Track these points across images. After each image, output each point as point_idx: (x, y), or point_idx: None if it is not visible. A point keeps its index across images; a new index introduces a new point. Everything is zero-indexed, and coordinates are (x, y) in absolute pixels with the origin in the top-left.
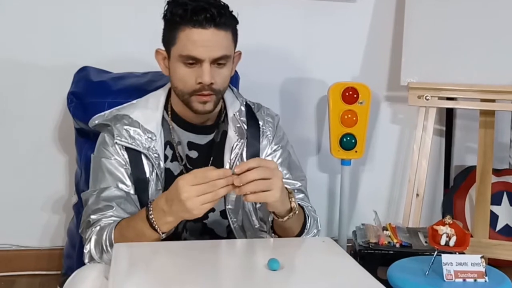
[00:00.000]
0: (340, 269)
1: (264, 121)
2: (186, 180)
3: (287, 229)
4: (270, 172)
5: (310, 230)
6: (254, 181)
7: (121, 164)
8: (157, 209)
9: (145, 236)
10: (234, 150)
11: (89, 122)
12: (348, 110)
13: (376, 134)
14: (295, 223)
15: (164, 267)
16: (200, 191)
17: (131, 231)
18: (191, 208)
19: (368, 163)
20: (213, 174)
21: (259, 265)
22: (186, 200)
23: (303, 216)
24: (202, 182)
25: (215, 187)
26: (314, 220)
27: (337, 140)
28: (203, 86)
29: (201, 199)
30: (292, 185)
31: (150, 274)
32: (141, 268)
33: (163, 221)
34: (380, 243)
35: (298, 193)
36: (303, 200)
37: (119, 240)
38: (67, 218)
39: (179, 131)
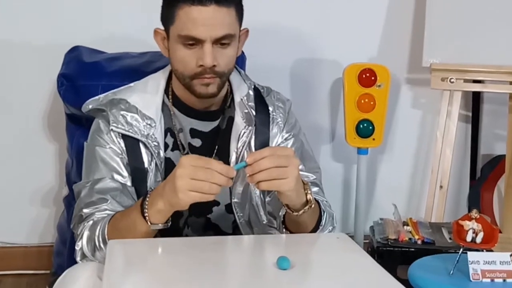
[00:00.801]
0: (356, 268)
1: (275, 107)
2: (189, 158)
3: (301, 224)
4: (285, 159)
5: (325, 227)
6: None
7: (116, 153)
8: (154, 193)
9: (136, 228)
10: (241, 138)
11: (82, 107)
12: (365, 94)
13: (396, 120)
14: (310, 218)
15: (163, 266)
16: (196, 174)
17: (124, 221)
18: (179, 188)
19: (387, 152)
20: (217, 165)
21: (267, 264)
22: (178, 177)
23: (318, 211)
24: (203, 166)
25: (211, 178)
26: (329, 216)
27: (353, 127)
28: (204, 69)
29: (192, 184)
30: (306, 177)
31: (148, 273)
32: (138, 267)
33: (155, 208)
34: (400, 240)
35: (312, 186)
36: (318, 194)
37: (112, 235)
38: (57, 212)
39: (180, 117)
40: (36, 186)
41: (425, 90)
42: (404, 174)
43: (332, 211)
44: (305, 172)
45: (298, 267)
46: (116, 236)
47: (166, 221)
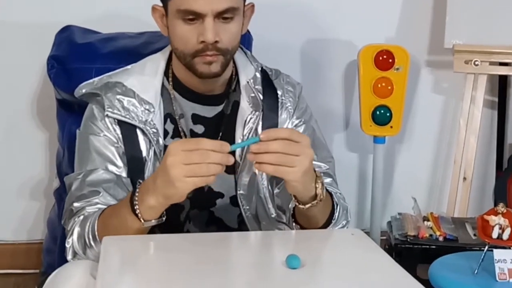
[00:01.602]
0: (372, 267)
1: (284, 91)
2: (177, 144)
3: (311, 218)
4: (299, 148)
5: (339, 221)
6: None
7: (111, 142)
8: (142, 188)
9: (127, 224)
10: (247, 124)
11: (75, 91)
12: (382, 77)
13: (416, 106)
14: (321, 211)
15: (162, 265)
16: (189, 158)
17: (113, 219)
18: (174, 177)
19: (406, 140)
20: (207, 143)
21: (275, 263)
22: (171, 166)
23: (330, 204)
24: (193, 149)
25: (206, 158)
26: (343, 210)
27: (368, 114)
28: (206, 45)
29: (188, 169)
30: (318, 167)
31: (146, 273)
32: (134, 266)
33: (146, 204)
34: (420, 236)
35: (325, 177)
36: (331, 186)
37: (102, 232)
38: (47, 206)
39: (181, 101)
40: (24, 178)
41: (447, 74)
42: (425, 164)
43: (346, 204)
44: (317, 161)
45: (309, 266)
46: (106, 233)
47: (160, 216)
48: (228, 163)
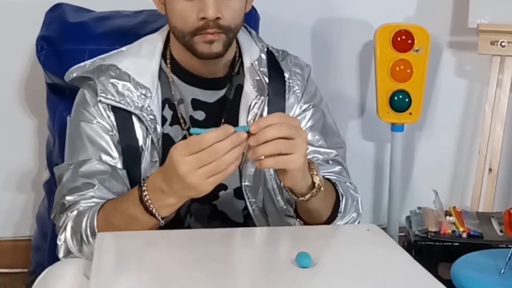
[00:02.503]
0: (390, 266)
1: (291, 73)
2: (179, 150)
3: (312, 212)
4: (294, 130)
5: (346, 214)
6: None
7: (105, 130)
8: (154, 189)
9: (139, 223)
10: (252, 110)
11: (65, 75)
12: (401, 60)
13: (437, 91)
14: (323, 203)
15: (161, 264)
16: (200, 161)
17: (119, 216)
18: (195, 184)
19: (426, 128)
20: (210, 137)
21: (284, 261)
22: (186, 175)
23: (334, 195)
24: (199, 150)
25: (216, 154)
26: (352, 200)
27: (386, 99)
28: (207, 22)
29: (204, 172)
30: (326, 154)
31: (143, 272)
32: (131, 264)
33: (163, 203)
34: (442, 233)
35: (334, 164)
36: (341, 174)
37: (104, 228)
38: (36, 199)
39: (181, 85)
40: (11, 168)
41: (471, 56)
42: (447, 154)
43: (356, 194)
44: (326, 148)
45: (321, 265)
46: (109, 230)
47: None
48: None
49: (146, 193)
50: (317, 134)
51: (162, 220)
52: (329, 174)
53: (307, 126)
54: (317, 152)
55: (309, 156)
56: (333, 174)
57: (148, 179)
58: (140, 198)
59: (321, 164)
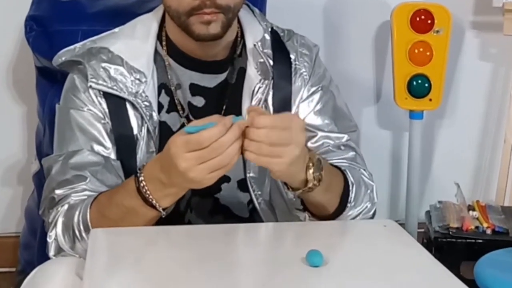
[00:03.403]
0: (408, 264)
1: (298, 54)
2: (178, 147)
3: (316, 204)
4: (288, 135)
5: (358, 203)
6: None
7: (97, 117)
8: (152, 179)
9: (137, 215)
10: (255, 95)
11: (53, 59)
12: (420, 41)
13: (459, 75)
14: (326, 196)
15: (159, 262)
16: (202, 158)
17: (115, 209)
18: (197, 179)
19: (448, 116)
20: (210, 135)
21: (294, 260)
22: (186, 171)
23: (341, 184)
24: (199, 148)
25: (219, 149)
26: (366, 189)
27: (403, 84)
28: (203, 1)
29: (207, 167)
30: (337, 139)
31: (140, 271)
32: (127, 263)
33: (163, 193)
34: (465, 229)
35: (346, 150)
36: (354, 161)
37: (99, 223)
38: (24, 193)
39: (178, 69)
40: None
41: (496, 37)
42: (470, 144)
43: (371, 182)
44: (337, 133)
45: (333, 263)
46: (104, 225)
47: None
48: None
49: (144, 184)
50: (326, 118)
51: (164, 211)
52: (341, 161)
53: (316, 110)
54: (327, 138)
55: (319, 142)
56: (345, 161)
57: (145, 168)
58: (137, 189)
59: (332, 151)
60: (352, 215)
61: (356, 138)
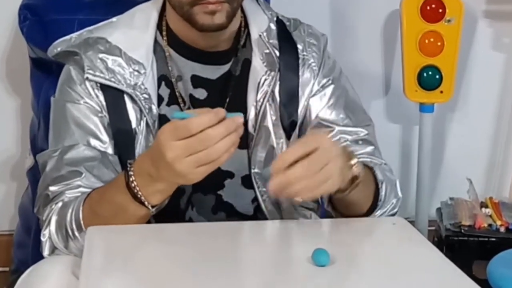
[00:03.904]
0: (418, 264)
1: (305, 44)
2: (166, 133)
3: (352, 204)
4: (323, 155)
5: (387, 201)
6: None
7: (94, 111)
8: (141, 173)
9: (127, 212)
10: (261, 88)
11: (48, 50)
12: (430, 31)
13: (471, 66)
14: (363, 193)
15: (159, 261)
16: (189, 148)
17: (106, 206)
18: (183, 172)
19: (459, 109)
20: (200, 122)
21: (299, 259)
22: (173, 162)
23: (373, 181)
24: (188, 136)
25: (208, 141)
26: (391, 185)
27: (413, 76)
28: None
29: (194, 160)
30: (355, 134)
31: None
32: (126, 262)
33: (152, 189)
34: (477, 227)
35: (364, 145)
36: (373, 155)
37: (91, 221)
38: (18, 189)
39: (179, 60)
40: None
41: (510, 26)
42: (482, 138)
43: (393, 176)
44: (352, 127)
45: (340, 263)
46: (97, 222)
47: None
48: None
49: (133, 178)
50: (341, 112)
51: (153, 209)
52: (361, 156)
53: (329, 104)
54: (344, 132)
55: (335, 137)
56: (366, 156)
57: (135, 162)
58: (127, 184)
59: (350, 146)
60: (379, 214)
61: (372, 131)
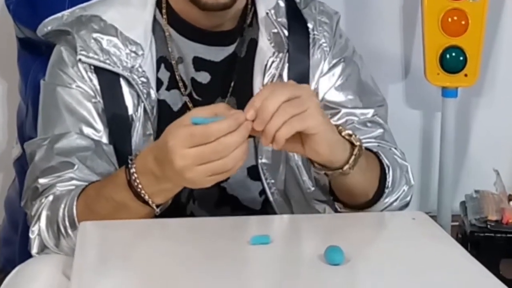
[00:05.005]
0: (440, 262)
1: (316, 23)
2: (179, 140)
3: (355, 188)
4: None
5: (396, 188)
6: (279, 109)
7: (87, 96)
8: (145, 172)
9: (128, 211)
10: (269, 70)
11: (38, 29)
12: (453, 9)
13: (498, 47)
14: (366, 175)
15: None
16: (203, 158)
17: (104, 204)
18: (194, 180)
19: (485, 93)
20: (219, 129)
21: (311, 257)
22: (183, 170)
23: (378, 167)
24: (204, 143)
25: (223, 151)
26: (401, 171)
27: (435, 57)
28: None
29: (207, 170)
30: (363, 115)
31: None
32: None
33: (157, 188)
34: (505, 222)
35: (373, 126)
36: (383, 139)
37: (86, 218)
38: (4, 181)
39: (179, 41)
40: None
41: None
42: (510, 126)
43: (405, 162)
44: (362, 108)
45: (355, 261)
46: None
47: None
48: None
49: (136, 176)
50: (350, 94)
51: (157, 208)
52: (369, 140)
53: (338, 85)
54: (351, 114)
55: (342, 119)
56: (374, 140)
57: (137, 159)
58: (128, 182)
59: (357, 128)
60: (389, 201)
61: (384, 113)
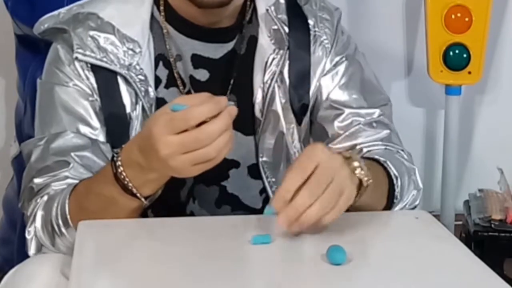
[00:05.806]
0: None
1: (317, 19)
2: (160, 126)
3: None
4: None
5: (404, 195)
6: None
7: (84, 94)
8: (131, 164)
9: (117, 205)
10: (269, 68)
11: (34, 27)
12: (457, 5)
13: (502, 44)
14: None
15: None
16: (186, 146)
17: (94, 200)
18: (178, 168)
19: (489, 91)
20: (199, 112)
21: (313, 256)
22: (167, 158)
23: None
24: (185, 128)
25: (207, 139)
26: (409, 175)
27: (438, 55)
28: None
29: (190, 159)
30: (368, 116)
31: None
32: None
33: (143, 179)
34: (509, 221)
35: (379, 127)
36: (389, 141)
37: (78, 215)
38: (2, 180)
39: (178, 38)
40: None
41: None
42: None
43: (412, 165)
44: (366, 108)
45: (357, 261)
46: (84, 217)
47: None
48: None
49: (122, 169)
50: (354, 93)
51: (146, 200)
52: (375, 142)
53: (341, 84)
54: (356, 115)
55: (347, 120)
56: (380, 143)
57: (122, 151)
58: (115, 176)
59: (363, 129)
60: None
61: (389, 112)
